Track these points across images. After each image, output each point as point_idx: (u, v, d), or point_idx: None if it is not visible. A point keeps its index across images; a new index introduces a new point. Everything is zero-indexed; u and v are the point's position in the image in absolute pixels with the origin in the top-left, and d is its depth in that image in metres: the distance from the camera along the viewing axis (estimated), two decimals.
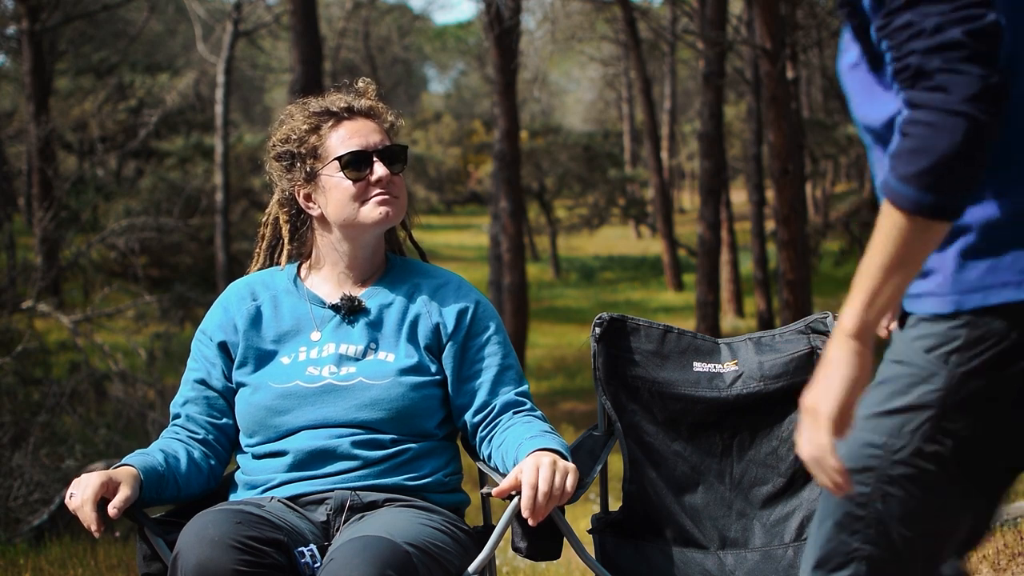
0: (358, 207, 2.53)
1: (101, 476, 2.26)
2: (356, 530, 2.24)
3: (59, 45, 23.97)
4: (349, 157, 2.53)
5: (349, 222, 2.55)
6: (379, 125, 2.60)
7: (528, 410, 2.54)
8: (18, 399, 8.73)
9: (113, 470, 2.31)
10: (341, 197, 2.54)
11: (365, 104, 2.60)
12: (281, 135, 2.61)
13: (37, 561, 4.94)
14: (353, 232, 2.56)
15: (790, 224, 11.95)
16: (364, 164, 2.53)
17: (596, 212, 31.07)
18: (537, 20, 25.87)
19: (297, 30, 14.23)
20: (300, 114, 2.60)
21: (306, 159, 2.57)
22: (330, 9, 34.14)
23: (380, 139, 2.56)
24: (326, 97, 2.62)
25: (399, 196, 2.56)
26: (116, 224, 15.00)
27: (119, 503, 2.24)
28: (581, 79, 45.60)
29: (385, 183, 2.52)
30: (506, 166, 16.02)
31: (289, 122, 2.60)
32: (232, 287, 2.67)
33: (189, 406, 2.56)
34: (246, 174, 25.05)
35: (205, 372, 2.57)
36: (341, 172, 2.53)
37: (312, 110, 2.58)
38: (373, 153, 2.54)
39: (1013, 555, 4.21)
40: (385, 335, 2.55)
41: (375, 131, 2.57)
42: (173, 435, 2.53)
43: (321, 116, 2.57)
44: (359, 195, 2.53)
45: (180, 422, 2.56)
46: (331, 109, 2.57)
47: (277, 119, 2.66)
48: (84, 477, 2.28)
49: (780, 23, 12.05)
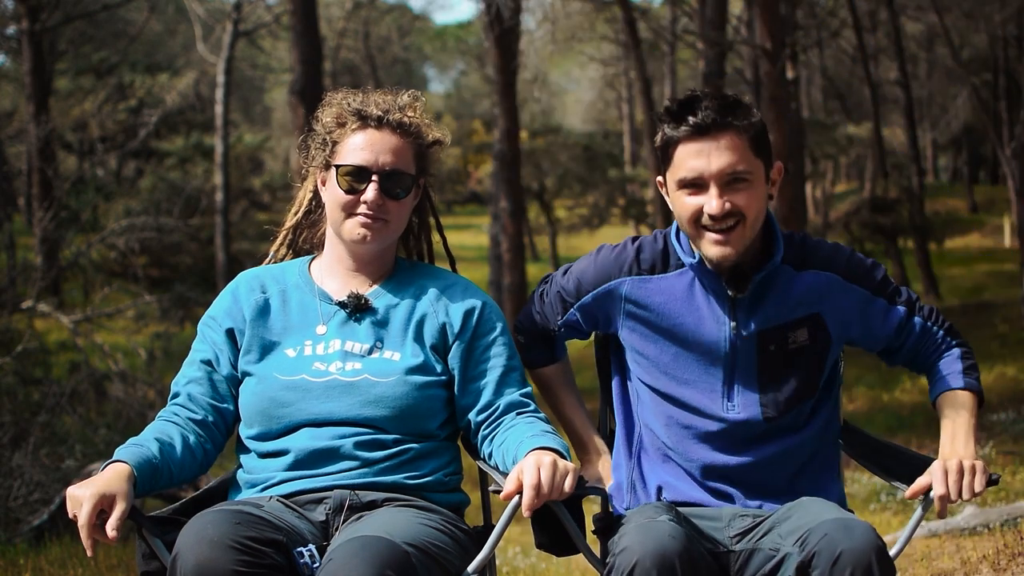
0: (343, 218, 2.55)
1: (94, 497, 2.18)
2: (355, 530, 2.24)
3: (59, 45, 23.99)
4: (349, 169, 2.53)
5: (335, 228, 2.59)
6: (406, 143, 2.56)
7: (531, 411, 2.54)
8: (18, 399, 8.72)
9: (106, 480, 2.23)
10: (332, 202, 2.57)
11: (397, 118, 2.56)
12: (321, 115, 2.62)
13: (37, 561, 4.95)
14: (340, 236, 2.59)
15: (790, 224, 11.96)
16: (362, 180, 2.53)
17: (596, 212, 31.05)
18: (537, 20, 25.86)
19: (297, 30, 14.23)
20: (342, 102, 2.60)
21: (326, 148, 2.58)
22: (330, 9, 34.11)
23: (391, 160, 2.53)
24: (372, 95, 2.60)
25: (389, 220, 2.55)
26: (116, 224, 15.00)
27: (116, 523, 2.19)
28: (581, 79, 45.58)
29: (372, 206, 2.52)
30: (506, 166, 16.02)
31: (329, 107, 2.61)
32: (242, 276, 2.67)
33: (192, 386, 2.54)
34: (246, 174, 25.09)
35: (212, 355, 2.56)
36: (338, 179, 2.54)
37: (349, 105, 2.58)
38: (374, 173, 2.53)
39: (1013, 555, 4.22)
40: (391, 334, 2.55)
41: (393, 150, 2.54)
42: (170, 417, 2.51)
43: (351, 114, 2.57)
44: (347, 208, 2.54)
45: (180, 401, 2.54)
46: (363, 111, 2.56)
47: (327, 99, 2.65)
48: (77, 494, 2.20)
49: (780, 23, 12.05)
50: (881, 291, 2.56)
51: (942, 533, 5.29)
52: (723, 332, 2.51)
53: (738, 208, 2.42)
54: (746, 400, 2.50)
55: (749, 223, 2.44)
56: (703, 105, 2.43)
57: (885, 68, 30.21)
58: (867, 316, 2.56)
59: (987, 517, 5.40)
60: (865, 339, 2.60)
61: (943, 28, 19.11)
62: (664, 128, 2.48)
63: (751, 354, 2.50)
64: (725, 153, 2.41)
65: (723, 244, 2.43)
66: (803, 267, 2.54)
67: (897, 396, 13.24)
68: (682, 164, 2.44)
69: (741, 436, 2.53)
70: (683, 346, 2.54)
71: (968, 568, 4.23)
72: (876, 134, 24.43)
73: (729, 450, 2.52)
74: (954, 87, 31.46)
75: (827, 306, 2.52)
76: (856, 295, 2.54)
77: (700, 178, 2.43)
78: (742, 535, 2.43)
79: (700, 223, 2.45)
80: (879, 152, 24.94)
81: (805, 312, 2.51)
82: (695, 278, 2.54)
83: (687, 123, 2.42)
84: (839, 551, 2.15)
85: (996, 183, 37.01)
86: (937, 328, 2.60)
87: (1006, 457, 8.41)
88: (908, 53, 27.96)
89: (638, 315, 2.58)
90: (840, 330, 2.55)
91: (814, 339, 2.51)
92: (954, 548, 4.76)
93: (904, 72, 23.95)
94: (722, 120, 2.41)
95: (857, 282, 2.55)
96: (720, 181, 2.42)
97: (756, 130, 2.46)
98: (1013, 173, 17.95)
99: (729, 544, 2.42)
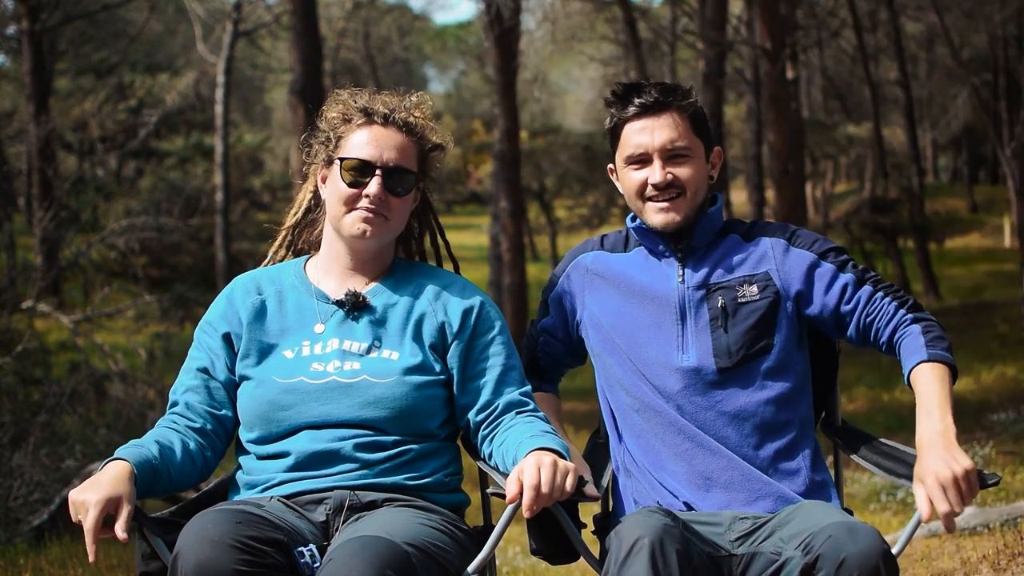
0: (344, 213, 2.55)
1: (99, 504, 2.17)
2: (355, 530, 2.24)
3: (59, 45, 23.97)
4: (353, 163, 2.53)
5: (334, 223, 2.59)
6: (410, 142, 2.58)
7: (531, 411, 2.54)
8: (18, 399, 8.71)
9: (109, 482, 2.23)
10: (334, 196, 2.57)
11: (403, 116, 2.58)
12: (326, 111, 2.63)
13: (37, 561, 4.95)
14: (339, 232, 2.59)
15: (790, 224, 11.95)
16: (366, 174, 2.53)
17: (596, 212, 31.04)
18: (537, 20, 25.85)
19: (297, 30, 14.23)
20: (345, 101, 2.61)
21: (329, 144, 2.59)
22: (330, 9, 34.11)
23: (395, 157, 2.55)
24: (378, 95, 2.62)
25: (390, 218, 2.56)
26: (116, 224, 14.98)
27: (124, 524, 2.18)
28: (581, 79, 45.55)
29: (375, 200, 2.52)
30: (506, 166, 16.01)
31: (334, 105, 2.62)
32: (238, 280, 2.67)
33: (189, 394, 2.55)
34: (246, 174, 25.07)
35: (208, 361, 2.56)
36: (342, 173, 2.54)
37: (355, 102, 2.59)
38: (378, 167, 2.53)
39: (1013, 555, 4.22)
40: (389, 333, 2.55)
41: (397, 147, 2.56)
42: (170, 424, 2.51)
43: (358, 110, 2.58)
44: (349, 202, 2.54)
45: (178, 410, 2.54)
46: (369, 108, 2.57)
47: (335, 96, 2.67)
48: (81, 499, 2.19)
49: (780, 23, 12.05)
50: (828, 258, 2.68)
51: (942, 533, 5.29)
52: (672, 285, 2.68)
53: (679, 179, 2.65)
54: (700, 351, 2.62)
55: (689, 195, 2.66)
56: (646, 88, 2.69)
57: (885, 68, 30.21)
58: (812, 278, 2.66)
59: (987, 517, 5.41)
60: (809, 302, 2.66)
61: (943, 28, 19.12)
62: (612, 111, 2.72)
63: (702, 306, 2.65)
64: (667, 129, 2.66)
65: (666, 212, 2.65)
66: (752, 237, 2.73)
67: (897, 396, 13.23)
68: (628, 142, 2.69)
69: (699, 387, 2.60)
70: (639, 303, 2.70)
71: (968, 568, 4.23)
72: (876, 134, 24.43)
73: (690, 403, 2.60)
74: (954, 87, 31.46)
75: (774, 265, 2.67)
76: (801, 257, 2.68)
77: (645, 153, 2.67)
78: (742, 539, 2.44)
79: (645, 195, 2.67)
80: (879, 152, 24.93)
81: (752, 270, 2.67)
82: (645, 247, 2.75)
83: (633, 104, 2.68)
84: (844, 555, 2.16)
85: (996, 183, 37.00)
86: (891, 299, 2.61)
87: (1006, 457, 8.40)
88: (908, 53, 27.96)
89: (599, 284, 2.77)
90: (786, 286, 2.66)
91: (763, 294, 2.64)
92: (954, 548, 4.76)
93: (904, 72, 23.96)
94: (664, 100, 2.67)
95: (803, 247, 2.69)
96: (663, 155, 2.66)
97: (695, 111, 2.71)
98: (1013, 173, 17.96)
99: (730, 548, 2.43)
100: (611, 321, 2.72)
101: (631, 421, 2.68)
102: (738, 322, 2.62)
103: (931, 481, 2.25)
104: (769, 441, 2.58)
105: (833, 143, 29.53)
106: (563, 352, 2.88)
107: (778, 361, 2.63)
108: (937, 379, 2.44)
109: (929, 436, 2.33)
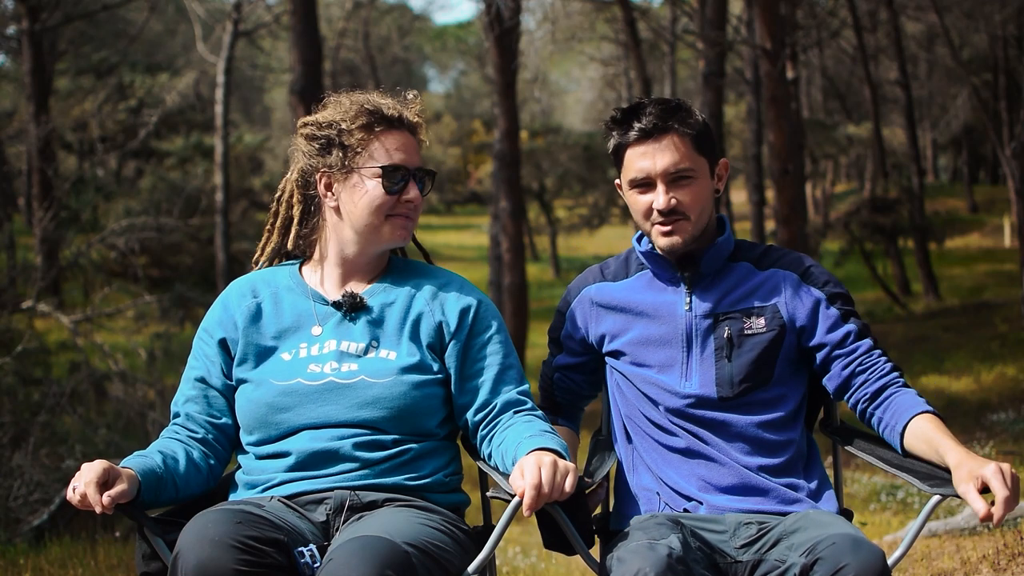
0: (382, 220, 2.55)
1: (103, 463, 2.26)
2: (355, 530, 2.24)
3: (59, 45, 23.95)
4: (392, 170, 2.54)
5: (368, 230, 2.56)
6: (417, 144, 2.62)
7: (529, 409, 2.54)
8: (18, 399, 8.71)
9: (110, 463, 2.30)
10: (369, 204, 2.54)
11: (412, 119, 2.61)
12: (324, 118, 2.60)
13: (37, 561, 4.95)
14: (367, 239, 2.57)
15: (790, 224, 11.95)
16: (403, 180, 2.55)
17: (596, 212, 31.05)
18: (537, 20, 25.84)
19: (297, 30, 14.21)
20: (352, 105, 2.58)
21: (348, 151, 2.56)
22: (330, 9, 34.11)
23: (419, 159, 2.60)
24: (375, 96, 2.61)
25: (416, 219, 2.60)
26: (116, 224, 14.98)
27: (114, 494, 2.23)
28: (581, 79, 45.57)
29: (415, 204, 2.56)
30: (506, 166, 16.00)
31: (337, 108, 2.60)
32: (233, 284, 2.67)
33: (189, 404, 2.56)
34: (246, 174, 25.07)
35: (205, 370, 2.57)
36: (378, 180, 2.54)
37: (366, 106, 2.57)
38: (413, 172, 2.56)
39: (1013, 555, 4.22)
40: (387, 333, 2.55)
41: (415, 150, 2.60)
42: (172, 435, 2.53)
43: (374, 115, 2.57)
44: (387, 208, 2.54)
45: (180, 421, 2.56)
46: (385, 113, 2.57)
47: (324, 102, 2.65)
48: (85, 466, 2.27)
49: (780, 23, 12.04)
50: (836, 303, 2.67)
51: (942, 533, 5.29)
52: (679, 312, 2.68)
53: (683, 204, 2.63)
54: (703, 379, 2.63)
55: (693, 218, 2.65)
56: (647, 111, 2.66)
57: (885, 68, 30.20)
58: (817, 317, 2.66)
59: None
60: (809, 338, 2.66)
61: (943, 28, 19.10)
62: (613, 135, 2.70)
63: (709, 336, 2.64)
64: (668, 153, 2.63)
65: (670, 235, 2.64)
66: (764, 267, 2.71)
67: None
68: (631, 166, 2.67)
69: (699, 410, 2.61)
70: (645, 327, 2.70)
71: (968, 568, 4.23)
72: (876, 134, 24.42)
73: (690, 420, 2.62)
74: (954, 87, 31.46)
75: (783, 299, 2.66)
76: (811, 296, 2.67)
77: (648, 177, 2.65)
78: (748, 545, 2.45)
79: (651, 218, 2.66)
80: (879, 152, 24.93)
81: (761, 302, 2.66)
82: (652, 271, 2.73)
83: (633, 128, 2.66)
84: (843, 564, 2.17)
85: (996, 183, 37.01)
86: (886, 360, 2.64)
87: (1006, 457, 8.40)
88: (908, 53, 27.95)
89: (605, 315, 2.76)
90: (792, 319, 2.66)
91: (770, 327, 2.64)
92: (954, 548, 4.76)
93: (904, 72, 23.95)
94: (663, 124, 2.63)
95: (815, 285, 2.68)
96: (665, 179, 2.63)
97: (698, 130, 2.67)
98: (1013, 173, 17.95)
99: (735, 555, 2.44)
100: (619, 339, 2.73)
101: (637, 423, 2.70)
102: (743, 353, 2.63)
103: (990, 470, 2.26)
104: (768, 456, 2.61)
105: (833, 143, 29.55)
106: (581, 381, 2.87)
107: (778, 390, 2.65)
108: (944, 427, 2.49)
109: (959, 455, 2.36)
